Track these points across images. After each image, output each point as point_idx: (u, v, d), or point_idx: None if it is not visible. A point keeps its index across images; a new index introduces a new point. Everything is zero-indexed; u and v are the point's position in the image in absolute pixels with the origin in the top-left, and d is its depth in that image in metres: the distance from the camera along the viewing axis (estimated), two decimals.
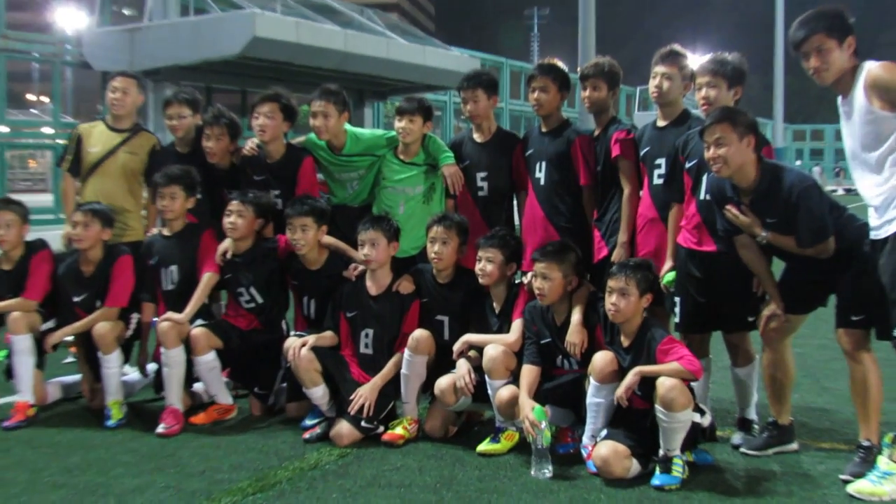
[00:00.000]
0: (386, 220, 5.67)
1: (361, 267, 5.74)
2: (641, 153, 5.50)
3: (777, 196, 4.65)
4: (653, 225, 5.41)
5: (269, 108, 6.07)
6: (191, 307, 5.81)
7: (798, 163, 50.53)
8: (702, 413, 4.69)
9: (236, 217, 5.85)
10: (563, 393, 5.05)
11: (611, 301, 4.79)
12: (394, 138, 6.17)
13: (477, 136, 6.11)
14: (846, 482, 4.48)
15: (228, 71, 15.57)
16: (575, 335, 5.02)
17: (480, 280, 5.36)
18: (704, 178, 5.06)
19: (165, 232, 6.12)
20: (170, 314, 5.77)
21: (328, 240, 5.90)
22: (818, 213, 4.60)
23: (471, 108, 6.00)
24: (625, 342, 4.83)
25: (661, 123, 5.49)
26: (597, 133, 5.77)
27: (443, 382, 5.32)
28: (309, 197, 5.89)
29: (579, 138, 5.80)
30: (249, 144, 6.33)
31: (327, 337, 5.66)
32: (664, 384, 4.50)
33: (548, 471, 4.67)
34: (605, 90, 5.69)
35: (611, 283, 4.82)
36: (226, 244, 5.99)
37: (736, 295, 5.08)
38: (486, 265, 5.33)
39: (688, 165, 5.20)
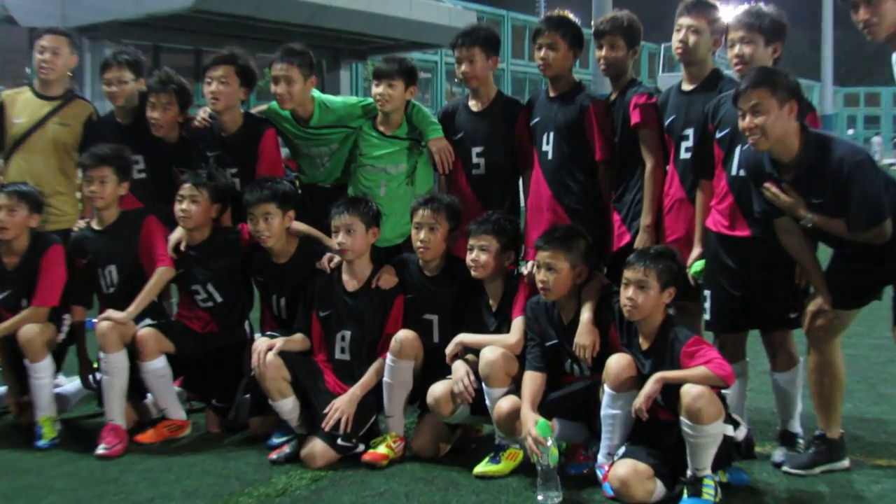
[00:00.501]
0: (363, 203, 5.67)
1: (337, 258, 5.74)
2: (665, 122, 5.51)
3: (824, 172, 4.65)
4: (682, 206, 5.42)
5: (223, 72, 6.06)
6: (136, 305, 5.80)
7: (850, 132, 50.66)
8: (736, 425, 4.70)
9: (189, 203, 5.83)
10: (572, 404, 5.06)
11: (627, 295, 4.79)
12: (371, 106, 6.16)
13: (473, 104, 6.11)
14: None
15: (179, 27, 15.59)
16: (585, 336, 5.02)
17: (473, 273, 5.36)
18: (738, 150, 5.06)
19: (95, 225, 6.07)
20: (110, 312, 5.76)
21: (298, 226, 5.90)
22: (873, 191, 4.60)
23: (466, 69, 5.98)
24: (644, 344, 4.84)
25: (687, 87, 5.50)
26: (613, 97, 5.78)
27: (437, 389, 5.32)
28: (269, 179, 5.87)
29: (594, 104, 5.80)
30: (201, 115, 6.33)
31: (297, 340, 5.67)
32: (690, 392, 4.50)
33: (556, 495, 4.68)
34: (624, 49, 5.70)
35: (627, 274, 4.83)
36: (178, 234, 5.98)
37: (775, 287, 5.09)
38: (478, 255, 5.32)
39: (719, 135, 5.19)
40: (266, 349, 5.47)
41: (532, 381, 5.06)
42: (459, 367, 5.28)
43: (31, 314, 5.89)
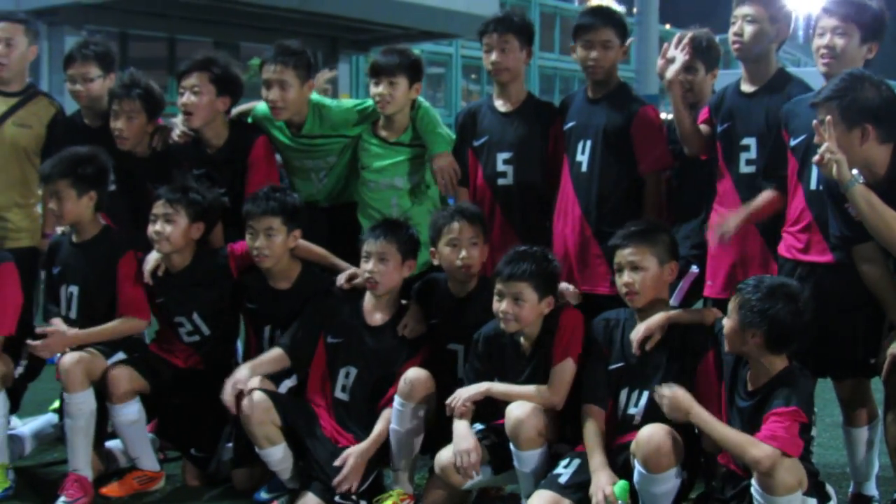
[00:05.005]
0: (404, 228, 5.67)
1: (359, 280, 5.74)
2: (720, 129, 5.55)
3: None
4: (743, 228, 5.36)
5: (197, 80, 6.07)
6: (88, 334, 5.79)
7: None
8: (826, 499, 4.65)
9: (163, 223, 5.80)
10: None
11: (622, 281, 4.97)
12: (369, 110, 6.19)
13: (500, 104, 6.10)
14: None
15: (150, 11, 15.66)
16: (642, 328, 5.01)
17: (503, 325, 5.23)
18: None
19: (74, 236, 6.05)
20: (57, 321, 5.79)
21: (310, 249, 5.93)
22: None
23: (497, 58, 5.92)
24: (750, 385, 4.75)
25: (747, 88, 5.52)
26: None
27: (445, 456, 5.23)
28: (277, 189, 5.87)
29: (643, 109, 5.82)
30: (178, 130, 6.29)
31: (272, 359, 5.67)
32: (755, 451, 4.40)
33: None
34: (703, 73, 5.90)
35: (617, 258, 4.99)
36: (154, 259, 5.97)
37: (855, 326, 5.03)
38: (510, 307, 5.16)
39: (793, 143, 5.18)
40: (237, 385, 5.45)
41: (598, 421, 5.03)
42: (462, 433, 5.16)
43: None
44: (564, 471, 4.93)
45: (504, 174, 6.01)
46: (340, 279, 5.80)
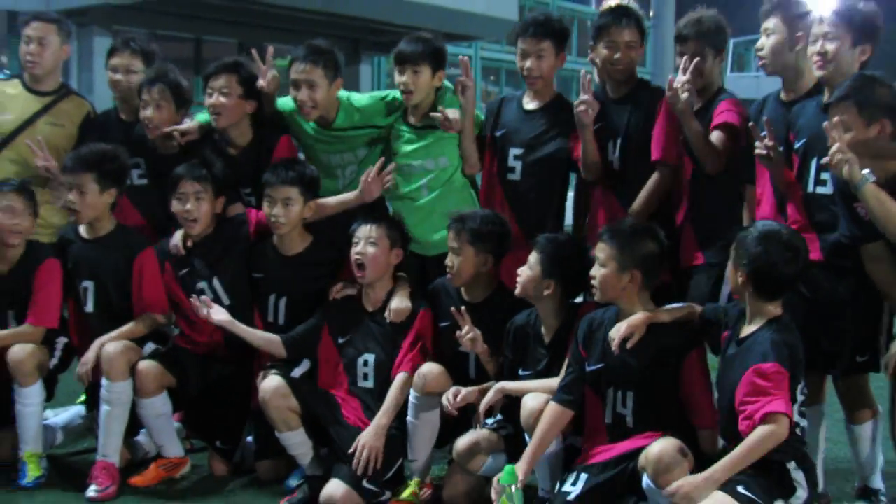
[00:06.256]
0: (396, 221, 5.81)
1: (349, 291, 5.85)
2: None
3: None
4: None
5: (225, 82, 6.10)
6: (115, 338, 5.86)
7: None
8: (791, 492, 4.60)
9: (194, 202, 5.90)
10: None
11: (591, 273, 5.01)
12: (395, 102, 6.20)
13: (527, 100, 6.09)
14: None
15: (176, 13, 15.70)
16: (623, 326, 4.93)
17: (517, 292, 5.37)
18: (813, 163, 5.14)
19: (84, 232, 6.11)
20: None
21: (320, 207, 5.97)
22: None
23: (532, 65, 5.91)
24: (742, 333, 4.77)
25: (787, 97, 5.52)
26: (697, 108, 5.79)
27: (462, 443, 5.35)
28: (296, 161, 5.99)
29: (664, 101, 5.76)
30: (185, 125, 6.31)
31: (267, 340, 5.84)
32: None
33: None
34: (711, 58, 5.80)
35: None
36: (178, 237, 6.05)
37: (845, 323, 5.10)
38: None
39: (796, 145, 5.26)
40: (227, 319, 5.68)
41: (554, 416, 5.01)
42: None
43: (25, 333, 5.88)
44: (572, 488, 4.89)
45: (513, 169, 6.03)
46: (332, 292, 5.89)
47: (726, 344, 4.82)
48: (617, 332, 4.92)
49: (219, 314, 5.81)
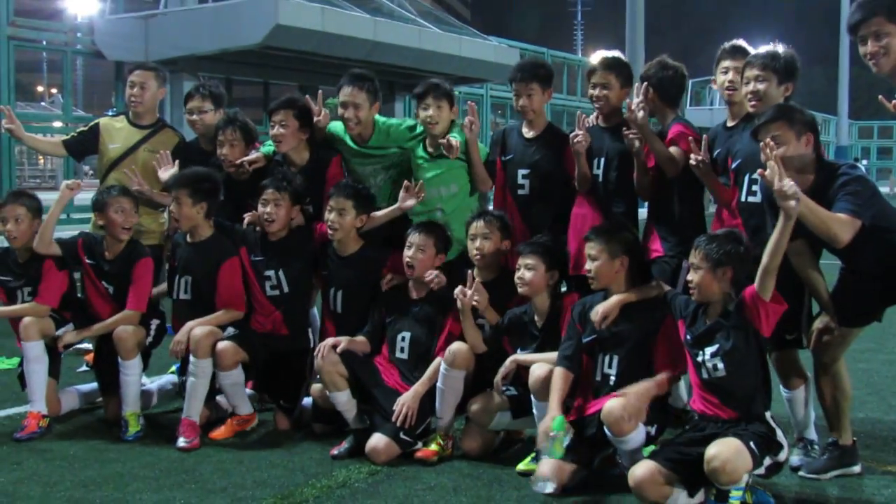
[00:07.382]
0: (441, 229, 5.77)
1: (396, 281, 5.86)
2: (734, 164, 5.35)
3: (826, 188, 4.69)
4: None
5: (283, 116, 6.10)
6: (207, 320, 5.88)
7: (864, 162, 49.91)
8: (778, 449, 4.54)
9: (273, 207, 5.91)
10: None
11: (586, 267, 5.03)
12: (417, 132, 6.16)
13: (526, 130, 6.05)
14: None
15: (249, 62, 15.67)
16: (602, 307, 4.98)
17: (519, 289, 5.36)
18: (746, 178, 5.14)
19: (189, 237, 6.10)
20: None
21: (371, 220, 5.94)
22: (860, 189, 4.64)
23: (524, 102, 5.88)
24: (707, 321, 4.70)
25: (732, 124, 5.47)
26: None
27: (474, 404, 5.43)
28: (357, 181, 6.06)
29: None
30: (255, 160, 6.30)
31: (359, 342, 5.74)
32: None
33: (549, 486, 4.70)
34: (657, 98, 5.70)
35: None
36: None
37: None
38: (524, 273, 5.32)
39: (734, 165, 5.25)
40: (331, 345, 5.55)
41: (561, 378, 4.99)
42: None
43: (126, 317, 5.96)
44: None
45: (522, 186, 5.99)
46: (383, 283, 5.88)
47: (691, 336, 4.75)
48: (595, 314, 4.98)
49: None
